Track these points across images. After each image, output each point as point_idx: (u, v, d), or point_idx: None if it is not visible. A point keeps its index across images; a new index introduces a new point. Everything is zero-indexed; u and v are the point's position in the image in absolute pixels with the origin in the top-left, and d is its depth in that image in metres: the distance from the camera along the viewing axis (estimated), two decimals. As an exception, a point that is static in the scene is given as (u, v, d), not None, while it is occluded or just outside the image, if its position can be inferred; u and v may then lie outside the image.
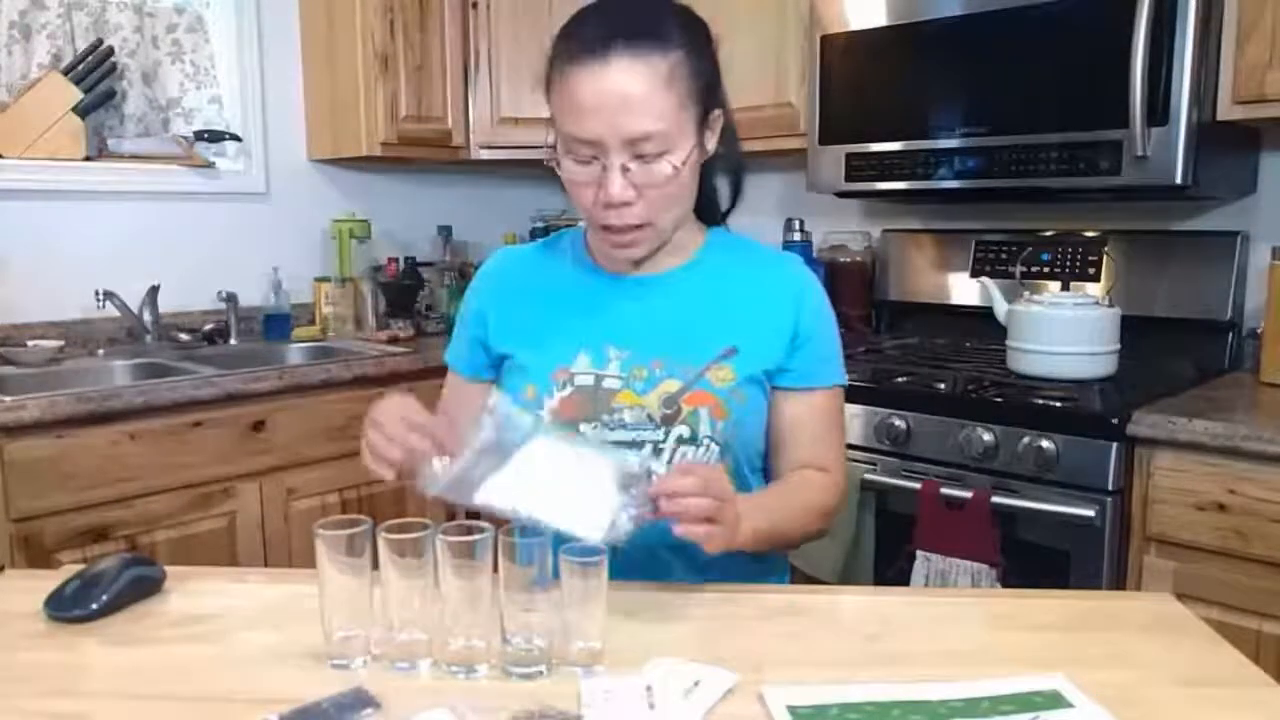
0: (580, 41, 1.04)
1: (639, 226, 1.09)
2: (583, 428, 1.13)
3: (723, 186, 1.24)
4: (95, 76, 2.42)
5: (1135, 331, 1.98)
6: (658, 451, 1.12)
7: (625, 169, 1.04)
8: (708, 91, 1.09)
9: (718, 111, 1.13)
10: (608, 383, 1.13)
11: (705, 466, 1.06)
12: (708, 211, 1.24)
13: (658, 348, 1.14)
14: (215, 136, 2.64)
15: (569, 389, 1.14)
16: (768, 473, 1.21)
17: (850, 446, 1.97)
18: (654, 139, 1.03)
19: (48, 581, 0.98)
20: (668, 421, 1.11)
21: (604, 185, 1.05)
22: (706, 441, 1.12)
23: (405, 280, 2.87)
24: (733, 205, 1.26)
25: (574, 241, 1.24)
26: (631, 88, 1.02)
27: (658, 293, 1.18)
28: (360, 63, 2.62)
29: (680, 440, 1.12)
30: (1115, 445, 1.68)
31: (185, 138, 2.63)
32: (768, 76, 2.42)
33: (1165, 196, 2.10)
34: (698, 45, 1.08)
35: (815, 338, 1.17)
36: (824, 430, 1.19)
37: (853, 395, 1.97)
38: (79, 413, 1.86)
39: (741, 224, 1.28)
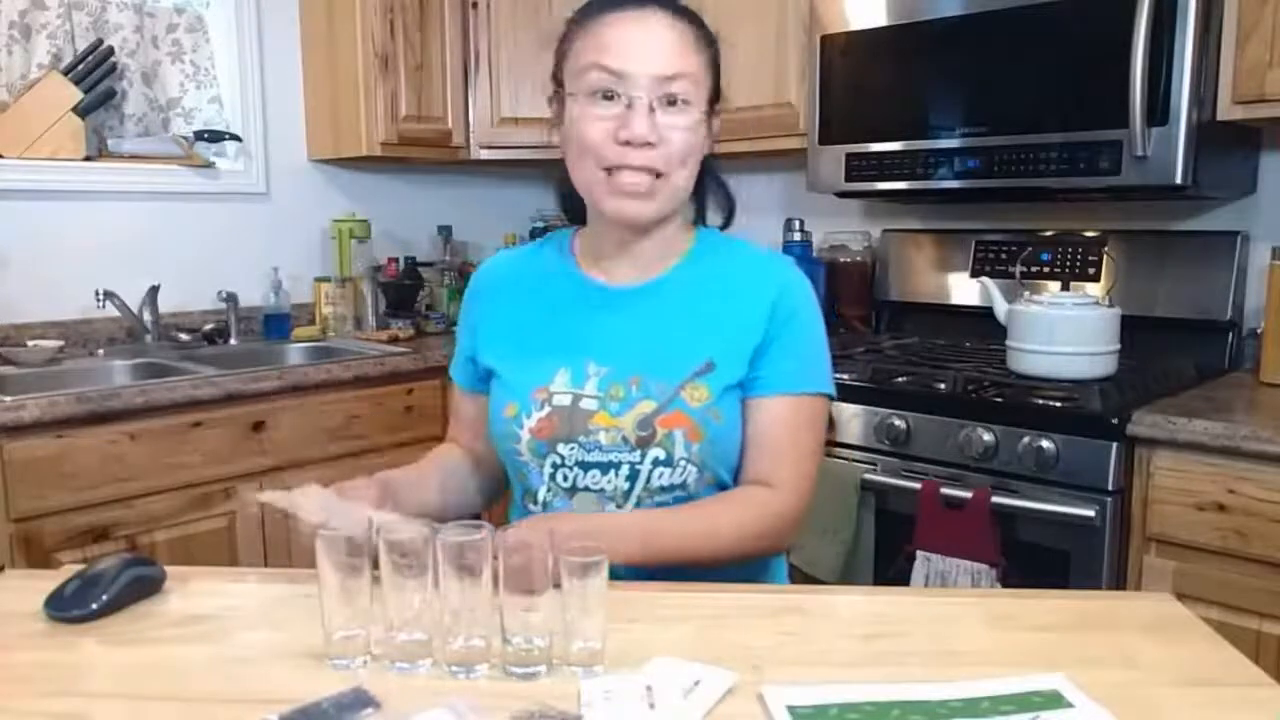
0: (615, 1, 1.10)
1: (653, 176, 1.08)
2: (560, 448, 1.12)
3: (715, 195, 1.24)
4: (95, 76, 2.42)
5: (1135, 331, 1.98)
6: (634, 474, 1.11)
7: (651, 109, 1.06)
8: (717, 78, 1.15)
9: (719, 106, 1.16)
10: (584, 403, 1.12)
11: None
12: (699, 216, 1.24)
13: (636, 364, 1.12)
14: (215, 136, 2.64)
15: (547, 409, 1.13)
16: None
17: (850, 446, 1.98)
18: (682, 82, 1.07)
19: (48, 581, 0.98)
20: (643, 444, 1.10)
21: (628, 123, 1.06)
22: (683, 463, 1.11)
23: (405, 280, 2.87)
24: (730, 213, 1.25)
25: (561, 246, 1.24)
26: (672, 35, 1.08)
27: (640, 304, 1.16)
28: (360, 63, 2.63)
29: (656, 462, 1.11)
30: (1115, 445, 1.67)
31: (185, 138, 2.63)
32: (768, 76, 2.42)
33: (1165, 196, 2.10)
34: (712, 39, 1.15)
35: (781, 342, 1.13)
36: (784, 443, 1.13)
37: (853, 395, 1.98)
38: (79, 413, 1.87)
39: (742, 224, 1.28)
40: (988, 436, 1.79)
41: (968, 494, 1.78)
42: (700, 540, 1.09)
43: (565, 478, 1.14)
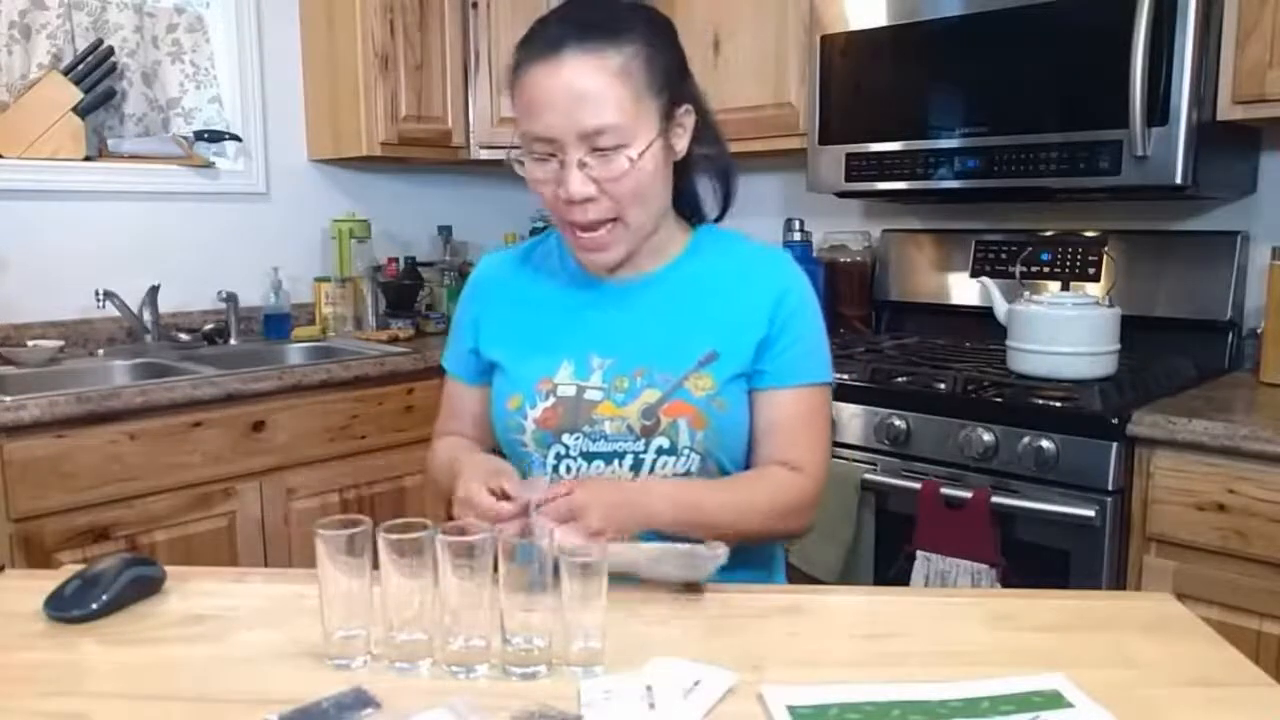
0: (535, 43, 1.07)
1: (609, 222, 1.08)
2: (565, 438, 1.13)
3: (709, 188, 1.23)
4: (95, 76, 2.42)
5: (1135, 331, 1.98)
6: (638, 463, 1.12)
7: (583, 164, 1.05)
8: (671, 85, 1.09)
9: (686, 107, 1.12)
10: (589, 394, 1.13)
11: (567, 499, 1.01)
12: (694, 213, 1.24)
13: (640, 356, 1.13)
14: (215, 136, 2.64)
15: (551, 399, 1.14)
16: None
17: (850, 446, 1.98)
18: (609, 132, 1.04)
19: (48, 581, 0.98)
20: (647, 433, 1.11)
21: (563, 183, 1.06)
22: (686, 452, 1.12)
23: (405, 280, 2.87)
24: (725, 208, 1.25)
25: (559, 242, 1.24)
26: (584, 82, 1.03)
27: (641, 298, 1.17)
28: (360, 63, 2.62)
29: (660, 451, 1.12)
30: (1115, 445, 1.67)
31: (185, 138, 2.63)
32: (768, 76, 2.42)
33: (1165, 196, 2.10)
34: (657, 39, 1.09)
35: (788, 336, 1.15)
36: (800, 430, 1.16)
37: (853, 395, 1.98)
38: (79, 413, 1.86)
39: (741, 224, 1.27)
40: (988, 436, 1.79)
41: (968, 494, 1.78)
42: (734, 514, 1.10)
43: (569, 468, 1.14)
